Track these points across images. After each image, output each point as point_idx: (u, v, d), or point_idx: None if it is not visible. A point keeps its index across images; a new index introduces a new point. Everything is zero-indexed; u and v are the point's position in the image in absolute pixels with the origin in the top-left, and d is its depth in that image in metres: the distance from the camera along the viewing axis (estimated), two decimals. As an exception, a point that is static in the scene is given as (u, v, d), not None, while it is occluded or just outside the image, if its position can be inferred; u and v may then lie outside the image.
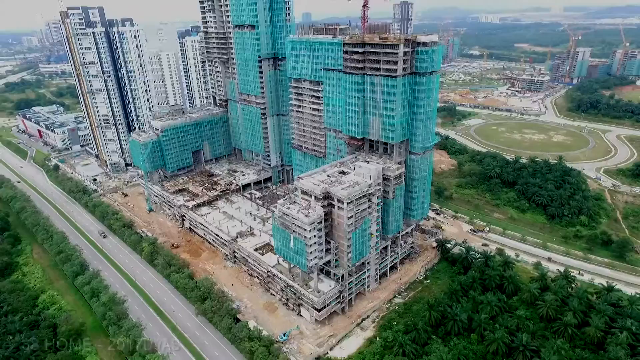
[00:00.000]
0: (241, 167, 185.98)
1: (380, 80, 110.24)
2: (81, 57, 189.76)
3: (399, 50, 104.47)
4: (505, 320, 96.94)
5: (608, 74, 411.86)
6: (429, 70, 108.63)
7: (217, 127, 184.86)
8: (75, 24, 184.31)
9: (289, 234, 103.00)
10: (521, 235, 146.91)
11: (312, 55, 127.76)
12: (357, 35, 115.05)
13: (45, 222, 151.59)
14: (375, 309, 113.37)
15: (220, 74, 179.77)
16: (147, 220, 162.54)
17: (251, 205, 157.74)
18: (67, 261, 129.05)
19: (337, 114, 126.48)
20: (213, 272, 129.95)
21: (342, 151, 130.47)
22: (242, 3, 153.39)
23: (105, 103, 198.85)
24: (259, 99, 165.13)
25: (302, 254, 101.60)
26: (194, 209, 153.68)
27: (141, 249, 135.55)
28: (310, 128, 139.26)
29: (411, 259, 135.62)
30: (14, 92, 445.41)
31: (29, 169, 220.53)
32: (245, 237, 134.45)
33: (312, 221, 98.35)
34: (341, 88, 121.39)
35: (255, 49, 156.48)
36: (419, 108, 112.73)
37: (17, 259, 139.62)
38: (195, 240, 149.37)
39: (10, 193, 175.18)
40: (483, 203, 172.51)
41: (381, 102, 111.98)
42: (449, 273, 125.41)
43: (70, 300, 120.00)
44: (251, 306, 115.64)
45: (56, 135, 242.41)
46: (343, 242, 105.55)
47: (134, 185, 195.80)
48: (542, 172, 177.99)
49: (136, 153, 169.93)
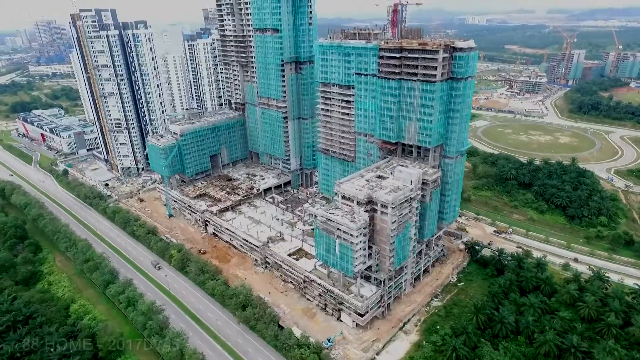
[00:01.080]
0: (259, 171, 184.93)
1: (418, 85, 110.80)
2: (93, 60, 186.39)
3: (438, 56, 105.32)
4: (549, 321, 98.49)
5: (601, 76, 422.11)
6: (466, 75, 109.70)
7: (235, 130, 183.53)
8: (88, 26, 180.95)
9: (334, 239, 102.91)
10: (545, 237, 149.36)
11: (343, 59, 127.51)
12: (394, 41, 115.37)
13: (66, 230, 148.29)
14: (415, 313, 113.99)
15: (238, 78, 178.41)
16: (168, 226, 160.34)
17: (276, 210, 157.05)
18: (95, 270, 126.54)
19: (370, 119, 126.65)
20: (245, 278, 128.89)
21: (373, 155, 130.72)
22: (264, 7, 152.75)
23: (117, 107, 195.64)
24: (280, 102, 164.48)
25: (347, 260, 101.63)
26: (218, 214, 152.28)
27: (170, 256, 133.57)
28: (338, 132, 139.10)
29: (441, 261, 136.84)
30: (6, 94, 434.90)
31: (36, 175, 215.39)
32: (276, 243, 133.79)
33: (359, 227, 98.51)
34: (375, 93, 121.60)
35: (277, 53, 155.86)
36: (454, 112, 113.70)
37: (41, 268, 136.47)
38: (220, 246, 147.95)
39: (24, 200, 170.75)
40: (501, 205, 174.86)
41: (418, 107, 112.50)
42: (481, 275, 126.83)
43: (102, 309, 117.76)
44: (289, 312, 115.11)
45: (62, 139, 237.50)
46: (385, 247, 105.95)
47: (148, 190, 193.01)
48: (557, 173, 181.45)
49: (155, 158, 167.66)
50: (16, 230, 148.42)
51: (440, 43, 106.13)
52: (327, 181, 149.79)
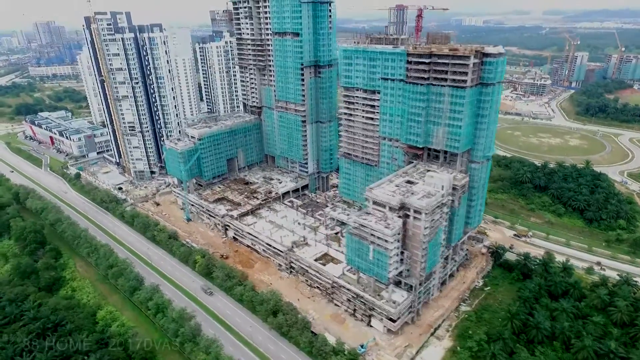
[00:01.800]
0: (275, 174, 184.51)
1: (447, 91, 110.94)
2: (108, 63, 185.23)
3: (469, 61, 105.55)
4: (583, 326, 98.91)
5: (604, 78, 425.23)
6: (495, 80, 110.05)
7: (251, 134, 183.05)
8: (103, 29, 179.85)
9: (367, 245, 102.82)
10: (565, 240, 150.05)
11: (368, 64, 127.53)
12: (423, 46, 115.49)
13: (86, 235, 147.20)
14: (445, 318, 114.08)
15: (255, 81, 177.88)
16: (187, 230, 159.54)
17: (296, 214, 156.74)
18: (119, 276, 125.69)
19: (396, 123, 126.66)
20: (270, 283, 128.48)
21: (398, 160, 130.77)
22: (285, 10, 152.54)
23: (131, 110, 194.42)
24: (299, 106, 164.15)
25: (382, 266, 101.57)
26: (238, 218, 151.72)
27: (194, 262, 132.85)
28: (361, 137, 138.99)
29: (464, 265, 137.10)
30: (8, 96, 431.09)
31: (47, 178, 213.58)
32: (301, 248, 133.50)
33: (394, 233, 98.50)
34: (402, 97, 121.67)
35: (297, 57, 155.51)
36: (483, 117, 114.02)
37: (63, 274, 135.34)
38: (242, 250, 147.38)
39: (40, 204, 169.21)
40: (518, 208, 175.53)
41: (447, 112, 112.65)
42: (507, 280, 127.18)
43: (129, 315, 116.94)
44: (318, 318, 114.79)
45: (72, 142, 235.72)
46: (417, 252, 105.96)
47: (163, 194, 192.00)
48: (572, 176, 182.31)
49: (173, 162, 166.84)
50: (36, 236, 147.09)
51: (471, 49, 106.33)
52: (348, 185, 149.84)
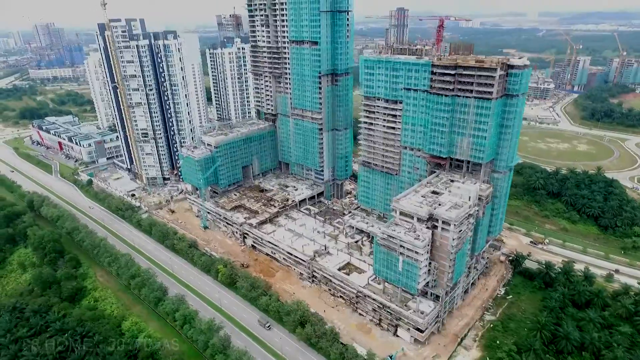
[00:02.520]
0: (290, 181, 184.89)
1: (473, 102, 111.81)
2: (122, 70, 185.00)
3: (496, 74, 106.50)
4: (609, 336, 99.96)
5: (605, 82, 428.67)
6: (520, 92, 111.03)
7: (266, 141, 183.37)
8: (118, 36, 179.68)
9: (395, 256, 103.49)
10: (582, 247, 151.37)
11: (390, 74, 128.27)
12: (448, 57, 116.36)
13: (105, 244, 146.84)
14: (470, 327, 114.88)
15: (270, 89, 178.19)
16: (205, 239, 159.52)
17: (315, 222, 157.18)
18: (142, 286, 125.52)
19: (418, 133, 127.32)
20: (293, 292, 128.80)
21: (420, 169, 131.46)
22: (303, 19, 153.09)
23: (145, 117, 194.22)
24: (316, 114, 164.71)
25: (412, 277, 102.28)
26: (257, 226, 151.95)
27: (216, 271, 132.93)
28: (381, 145, 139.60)
29: (484, 273, 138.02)
30: (10, 99, 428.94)
31: (59, 185, 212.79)
32: (323, 257, 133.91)
33: (424, 244, 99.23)
34: (425, 108, 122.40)
35: (315, 65, 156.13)
36: (507, 128, 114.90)
37: (84, 284, 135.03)
38: (262, 259, 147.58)
39: (56, 212, 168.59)
40: (532, 214, 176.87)
41: (472, 123, 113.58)
42: (528, 288, 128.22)
43: (155, 326, 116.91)
44: (344, 327, 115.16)
45: (82, 148, 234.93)
46: (445, 263, 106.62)
47: (177, 201, 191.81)
48: (585, 183, 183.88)
49: (189, 170, 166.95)
50: (55, 245, 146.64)
51: (498, 61, 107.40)
52: (367, 193, 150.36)
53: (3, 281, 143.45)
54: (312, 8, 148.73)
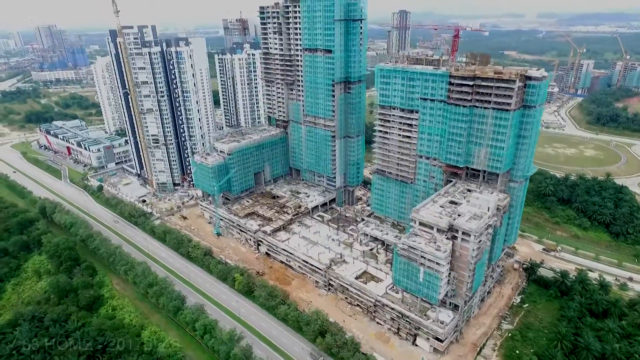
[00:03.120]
0: (302, 187, 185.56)
1: (491, 113, 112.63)
2: (134, 77, 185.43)
3: (515, 85, 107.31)
4: (628, 346, 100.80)
5: (608, 85, 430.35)
6: (537, 103, 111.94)
7: (277, 148, 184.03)
8: (130, 43, 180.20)
9: (416, 267, 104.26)
10: (594, 255, 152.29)
11: (406, 84, 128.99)
12: (466, 68, 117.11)
13: (121, 252, 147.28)
14: (488, 336, 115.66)
15: (282, 96, 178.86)
16: (218, 246, 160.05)
17: (329, 229, 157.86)
18: (160, 295, 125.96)
19: (434, 142, 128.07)
20: (310, 301, 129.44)
21: (436, 178, 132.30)
22: (317, 27, 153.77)
23: (156, 123, 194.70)
24: (328, 121, 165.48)
25: (433, 288, 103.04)
26: (271, 234, 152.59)
27: (232, 280, 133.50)
28: (396, 154, 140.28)
29: (499, 281, 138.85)
30: (15, 102, 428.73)
31: (69, 190, 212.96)
32: (339, 265, 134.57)
33: (446, 256, 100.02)
34: (442, 118, 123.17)
35: (329, 73, 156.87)
36: (524, 139, 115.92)
37: (101, 292, 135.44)
38: (277, 267, 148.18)
39: (69, 219, 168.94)
40: (543, 221, 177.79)
41: (490, 134, 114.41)
42: (544, 297, 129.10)
43: (174, 335, 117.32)
44: (363, 337, 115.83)
45: (91, 154, 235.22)
46: (464, 273, 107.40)
47: (188, 207, 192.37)
48: (594, 189, 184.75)
49: (203, 176, 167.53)
50: (70, 253, 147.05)
51: (517, 73, 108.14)
52: (381, 201, 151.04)
53: (19, 288, 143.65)
54: (326, 17, 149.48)
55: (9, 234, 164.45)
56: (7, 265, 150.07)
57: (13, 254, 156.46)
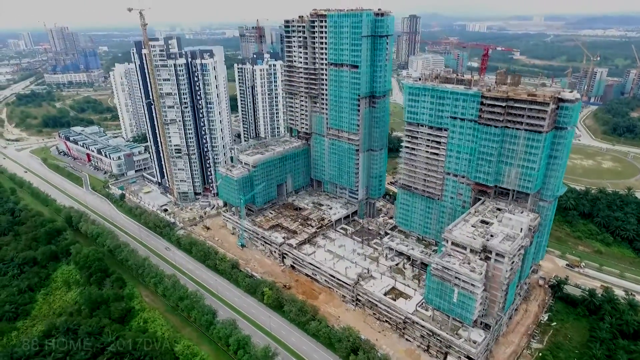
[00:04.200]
0: (324, 199, 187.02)
1: (523, 134, 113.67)
2: (158, 88, 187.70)
3: (548, 108, 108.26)
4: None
5: (622, 93, 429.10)
6: (570, 124, 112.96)
7: (299, 159, 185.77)
8: (156, 55, 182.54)
9: (450, 287, 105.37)
10: (619, 272, 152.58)
11: (436, 102, 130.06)
12: (499, 89, 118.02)
13: (150, 264, 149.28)
14: (518, 355, 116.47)
15: (305, 108, 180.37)
16: (244, 258, 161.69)
17: (353, 243, 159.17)
18: (192, 308, 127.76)
19: (464, 160, 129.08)
20: (339, 316, 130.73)
21: (463, 195, 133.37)
22: (343, 43, 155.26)
23: (179, 133, 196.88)
24: (352, 135, 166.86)
25: (467, 309, 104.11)
26: (297, 247, 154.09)
27: (261, 294, 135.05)
28: (423, 170, 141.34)
29: (524, 298, 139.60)
30: (30, 105, 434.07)
31: (91, 199, 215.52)
32: (367, 280, 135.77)
33: (482, 277, 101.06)
34: (472, 137, 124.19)
35: (354, 88, 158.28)
36: (555, 159, 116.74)
37: (132, 304, 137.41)
38: (303, 280, 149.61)
39: (96, 229, 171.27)
40: (564, 235, 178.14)
41: (522, 154, 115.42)
42: (572, 315, 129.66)
43: (207, 350, 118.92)
44: (393, 354, 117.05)
45: (112, 161, 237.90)
46: (496, 293, 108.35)
47: (210, 217, 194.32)
48: (616, 204, 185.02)
49: (228, 188, 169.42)
50: (99, 264, 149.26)
51: (551, 95, 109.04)
52: (406, 216, 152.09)
53: (49, 298, 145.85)
54: (353, 33, 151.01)
55: (36, 243, 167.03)
56: (37, 275, 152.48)
57: (42, 263, 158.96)
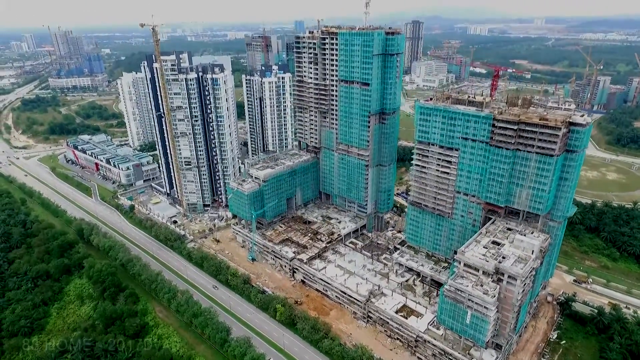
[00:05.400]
0: (332, 212, 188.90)
1: (534, 157, 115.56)
2: (169, 102, 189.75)
3: (559, 132, 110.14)
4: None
5: (624, 101, 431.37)
6: (581, 148, 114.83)
7: (309, 173, 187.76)
8: (167, 69, 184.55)
9: (463, 309, 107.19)
10: (626, 288, 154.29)
11: (447, 123, 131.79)
12: (511, 112, 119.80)
13: (163, 279, 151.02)
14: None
15: (315, 123, 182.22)
16: (255, 272, 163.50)
17: (363, 258, 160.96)
18: (206, 325, 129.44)
19: (474, 180, 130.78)
20: (350, 333, 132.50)
21: (474, 214, 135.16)
22: (354, 60, 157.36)
23: (189, 146, 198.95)
24: (362, 150, 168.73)
25: (480, 330, 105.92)
26: (308, 262, 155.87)
27: (274, 310, 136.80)
28: (433, 188, 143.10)
29: (533, 315, 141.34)
30: (36, 111, 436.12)
31: (100, 209, 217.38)
32: (378, 298, 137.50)
33: (494, 300, 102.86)
34: (483, 158, 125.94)
35: (365, 105, 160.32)
36: (565, 181, 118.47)
37: (146, 319, 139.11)
38: (313, 295, 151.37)
39: (107, 242, 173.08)
40: (571, 249, 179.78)
41: (533, 176, 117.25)
42: (581, 334, 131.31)
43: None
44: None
45: (121, 172, 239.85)
46: (508, 314, 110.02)
47: (219, 229, 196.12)
48: (622, 218, 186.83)
49: (239, 203, 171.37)
50: (113, 279, 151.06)
51: (562, 120, 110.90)
52: (416, 232, 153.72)
53: (63, 313, 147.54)
54: (364, 51, 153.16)
55: (49, 256, 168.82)
56: (51, 289, 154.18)
57: (55, 276, 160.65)
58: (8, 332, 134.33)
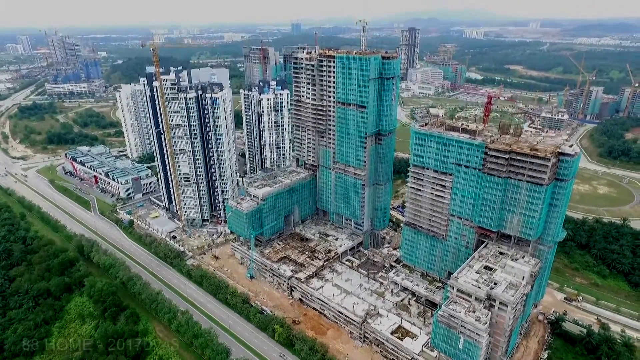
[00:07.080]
0: (329, 229, 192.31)
1: (525, 185, 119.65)
2: (169, 120, 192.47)
3: (549, 163, 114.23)
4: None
5: (616, 111, 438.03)
6: (570, 177, 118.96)
7: (306, 190, 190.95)
8: (167, 88, 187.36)
9: (456, 334, 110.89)
10: (615, 306, 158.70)
11: (441, 148, 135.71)
12: (503, 142, 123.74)
13: (163, 298, 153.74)
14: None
15: (312, 142, 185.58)
16: (253, 290, 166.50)
17: (360, 277, 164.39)
18: (206, 347, 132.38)
19: (467, 204, 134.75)
20: (347, 353, 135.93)
21: (467, 237, 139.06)
22: (351, 84, 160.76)
23: (188, 163, 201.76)
24: (359, 170, 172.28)
25: (472, 355, 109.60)
26: (306, 281, 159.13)
27: (272, 330, 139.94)
28: (428, 210, 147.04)
29: (525, 334, 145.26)
30: (33, 119, 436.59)
31: (100, 224, 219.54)
32: (374, 318, 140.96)
33: (486, 327, 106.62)
34: (476, 184, 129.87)
35: (361, 127, 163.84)
36: (555, 207, 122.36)
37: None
38: (311, 314, 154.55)
39: (108, 260, 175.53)
40: (562, 266, 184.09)
41: (523, 203, 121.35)
42: (570, 353, 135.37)
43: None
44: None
45: (120, 185, 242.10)
46: (499, 339, 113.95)
47: (218, 245, 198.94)
48: (612, 235, 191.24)
49: (238, 221, 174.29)
50: (114, 298, 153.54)
51: (552, 150, 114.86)
52: (411, 252, 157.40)
53: (64, 332, 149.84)
54: (361, 75, 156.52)
55: (49, 274, 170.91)
56: (52, 307, 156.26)
57: (55, 294, 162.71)
58: (10, 353, 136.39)
